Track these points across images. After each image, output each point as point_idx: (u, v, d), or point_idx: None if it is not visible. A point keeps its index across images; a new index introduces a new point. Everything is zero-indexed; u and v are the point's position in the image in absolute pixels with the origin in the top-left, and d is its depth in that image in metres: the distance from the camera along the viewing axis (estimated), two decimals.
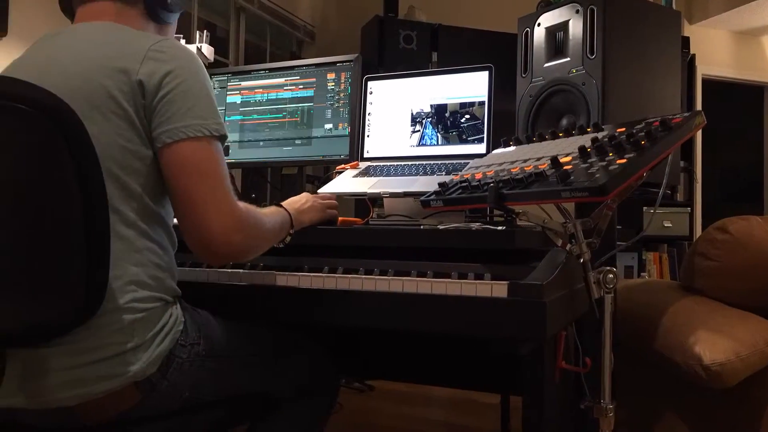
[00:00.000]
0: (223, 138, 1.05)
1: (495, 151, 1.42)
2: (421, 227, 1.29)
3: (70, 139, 0.89)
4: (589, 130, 1.27)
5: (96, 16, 1.10)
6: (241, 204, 1.05)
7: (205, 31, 2.28)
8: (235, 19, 3.50)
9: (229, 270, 1.25)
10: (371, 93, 1.82)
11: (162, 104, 1.00)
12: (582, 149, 1.10)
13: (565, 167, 1.07)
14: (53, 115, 0.88)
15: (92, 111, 0.97)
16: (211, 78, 1.20)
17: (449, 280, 1.09)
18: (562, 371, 1.18)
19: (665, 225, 3.95)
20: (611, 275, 1.12)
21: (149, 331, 0.99)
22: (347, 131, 1.87)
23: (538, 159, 1.20)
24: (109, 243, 0.94)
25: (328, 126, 1.90)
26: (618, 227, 1.72)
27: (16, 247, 0.89)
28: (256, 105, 2.01)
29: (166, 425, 1.07)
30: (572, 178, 1.02)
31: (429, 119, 1.73)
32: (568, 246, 1.13)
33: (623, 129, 1.18)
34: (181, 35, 1.86)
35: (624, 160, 1.02)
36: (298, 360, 1.28)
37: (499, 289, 1.02)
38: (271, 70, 2.03)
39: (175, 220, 1.07)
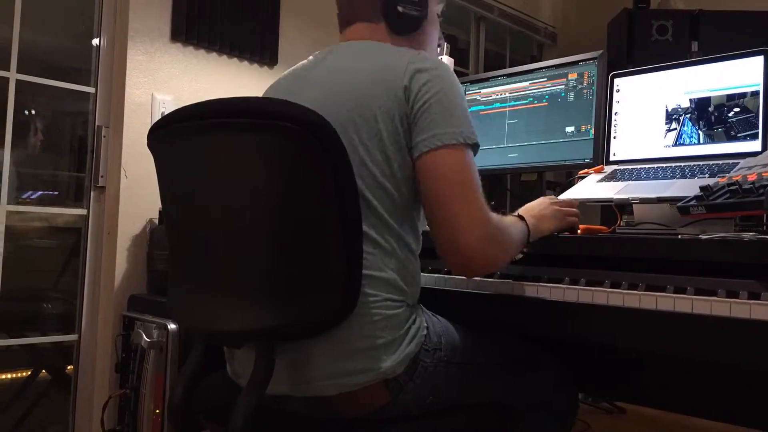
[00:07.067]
0: (475, 147, 1.06)
1: None
2: (679, 237, 1.15)
3: (329, 151, 0.96)
4: None
5: (356, 36, 1.21)
6: (493, 215, 1.04)
7: (445, 43, 2.34)
8: (475, 29, 3.55)
9: (467, 278, 1.24)
10: (618, 91, 1.69)
11: (420, 113, 1.04)
12: None
13: None
14: (313, 130, 0.95)
15: (363, 123, 1.05)
16: None
17: (715, 298, 0.96)
18: None
19: None
20: None
21: (397, 331, 1.03)
22: (591, 133, 1.76)
23: None
24: (362, 247, 1.00)
25: (570, 129, 1.81)
26: None
27: (282, 253, 0.99)
28: (494, 111, 2.00)
29: (412, 428, 1.10)
30: None
31: (688, 115, 1.54)
32: None
33: None
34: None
35: None
36: (541, 372, 1.25)
37: None
38: (509, 75, 2.00)
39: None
